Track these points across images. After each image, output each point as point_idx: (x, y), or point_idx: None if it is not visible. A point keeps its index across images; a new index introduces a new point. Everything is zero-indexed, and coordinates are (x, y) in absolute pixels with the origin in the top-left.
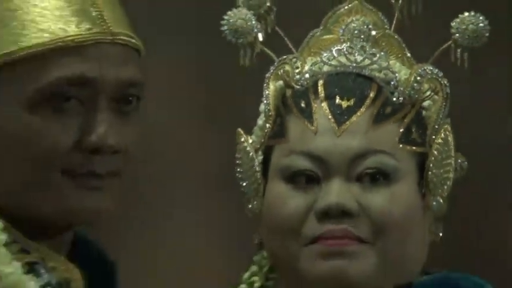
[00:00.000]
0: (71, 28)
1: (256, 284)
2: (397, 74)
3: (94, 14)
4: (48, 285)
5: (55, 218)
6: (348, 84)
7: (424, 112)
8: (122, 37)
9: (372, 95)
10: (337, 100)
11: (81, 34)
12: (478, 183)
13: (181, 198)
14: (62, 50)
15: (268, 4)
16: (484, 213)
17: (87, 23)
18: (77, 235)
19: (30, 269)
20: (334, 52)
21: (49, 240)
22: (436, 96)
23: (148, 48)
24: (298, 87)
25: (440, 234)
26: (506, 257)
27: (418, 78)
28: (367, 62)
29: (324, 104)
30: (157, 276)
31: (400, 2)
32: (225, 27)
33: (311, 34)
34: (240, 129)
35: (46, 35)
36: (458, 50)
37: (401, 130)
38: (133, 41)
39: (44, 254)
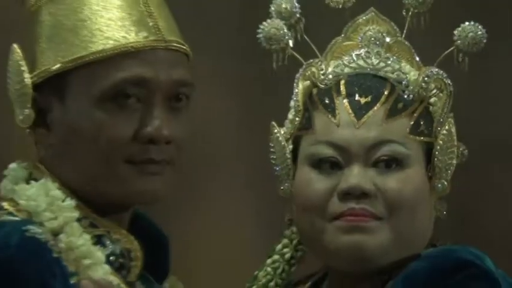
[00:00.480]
0: (131, 36)
1: (287, 255)
2: (407, 75)
3: (151, 24)
4: (113, 254)
5: (119, 198)
6: (366, 83)
7: (430, 107)
8: (174, 44)
9: (386, 92)
10: (357, 97)
11: (139, 41)
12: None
13: (223, 182)
14: (123, 55)
15: (297, 15)
16: (480, 194)
17: (145, 32)
18: (136, 212)
19: (98, 240)
20: (353, 56)
21: (113, 216)
22: (441, 94)
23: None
24: (322, 86)
25: (444, 212)
26: (503, 230)
27: (426, 78)
28: (382, 64)
29: (345, 101)
30: (202, 248)
31: (410, 14)
32: (261, 35)
33: (334, 41)
34: (273, 122)
35: (111, 42)
36: (460, 55)
37: (411, 123)
38: (183, 47)
39: (109, 228)
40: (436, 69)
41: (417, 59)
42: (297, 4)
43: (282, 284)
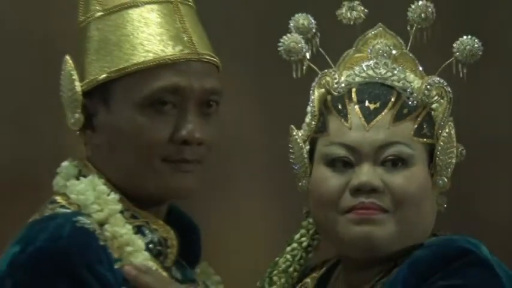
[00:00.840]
0: (168, 50)
1: (304, 243)
2: (411, 84)
3: (185, 38)
4: (151, 243)
5: (156, 193)
6: (375, 91)
7: (432, 112)
8: (206, 56)
9: (393, 99)
10: (366, 103)
11: (175, 54)
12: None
13: (247, 180)
14: (161, 66)
15: (313, 30)
16: (477, 189)
17: (180, 46)
18: (171, 205)
19: (138, 230)
20: (363, 67)
21: (152, 209)
22: (441, 100)
23: (223, 65)
24: (336, 93)
25: (445, 205)
26: (497, 221)
27: (428, 86)
28: (389, 74)
29: (356, 107)
30: (227, 238)
31: (414, 29)
32: (281, 48)
33: (346, 53)
34: (292, 126)
35: (150, 54)
36: (459, 65)
37: (415, 126)
38: (214, 59)
39: (148, 219)
40: (437, 78)
41: (420, 69)
42: (313, 21)
43: (300, 269)
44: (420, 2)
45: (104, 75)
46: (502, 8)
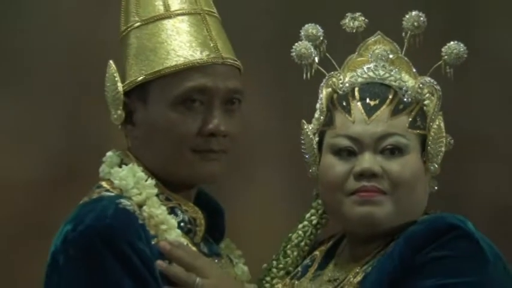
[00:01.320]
0: (197, 54)
1: (314, 221)
2: (406, 83)
3: (211, 45)
4: (183, 222)
5: (187, 179)
6: (374, 90)
7: (424, 107)
8: (229, 60)
9: (390, 97)
10: (367, 100)
11: (203, 59)
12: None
13: (264, 167)
14: (191, 69)
15: (321, 38)
16: (463, 174)
17: (207, 51)
18: (200, 190)
19: (171, 211)
20: (365, 69)
21: (183, 192)
22: (432, 97)
23: (244, 67)
24: (341, 92)
25: (436, 188)
26: (479, 201)
27: (421, 85)
28: (387, 75)
29: (359, 103)
30: (248, 217)
31: (408, 36)
32: (293, 53)
33: (349, 57)
34: (303, 121)
35: (181, 59)
36: (447, 67)
37: (409, 119)
38: (236, 63)
39: (180, 202)
40: (429, 78)
41: (414, 70)
42: (320, 30)
43: (310, 243)
44: (413, 13)
45: (142, 77)
46: (483, 16)
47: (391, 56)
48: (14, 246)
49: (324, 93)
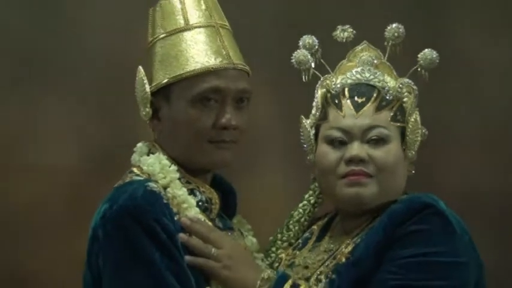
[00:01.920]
0: (211, 61)
1: (312, 200)
2: (388, 84)
3: (224, 53)
4: (200, 201)
5: (204, 165)
6: (361, 89)
7: (404, 104)
8: (239, 65)
9: (375, 95)
10: (356, 98)
11: (217, 64)
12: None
13: (269, 155)
14: (207, 73)
15: (316, 47)
16: (436, 161)
17: (220, 58)
18: (215, 175)
19: (191, 192)
20: (353, 72)
21: (201, 177)
22: (410, 95)
23: (252, 70)
24: (333, 92)
25: (413, 171)
26: (450, 184)
27: (400, 85)
28: (372, 77)
29: (348, 101)
30: (256, 197)
31: (389, 44)
32: (293, 60)
33: (340, 63)
34: (302, 116)
35: (199, 64)
36: (422, 70)
37: (391, 114)
38: (245, 67)
39: (198, 184)
40: (407, 80)
41: (395, 73)
42: (316, 40)
43: (309, 219)
44: (394, 25)
45: (166, 80)
46: (453, 28)
47: (375, 61)
48: (61, 224)
49: (319, 92)
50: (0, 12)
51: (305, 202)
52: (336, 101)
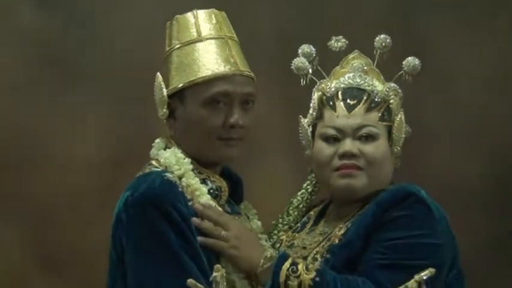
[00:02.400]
0: (221, 68)
1: (309, 189)
2: (377, 87)
3: (232, 61)
4: (211, 189)
5: (214, 159)
6: (353, 93)
7: (390, 105)
8: (245, 72)
9: (365, 98)
10: (348, 100)
11: (226, 71)
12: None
13: (272, 150)
14: (217, 79)
15: (313, 55)
16: (419, 155)
17: (228, 65)
18: (224, 166)
19: (203, 181)
20: (346, 77)
21: (212, 168)
22: (396, 98)
23: (257, 75)
24: (328, 95)
25: (399, 165)
26: (431, 175)
27: (387, 89)
28: (362, 82)
29: (341, 103)
30: (260, 187)
31: (378, 52)
32: (292, 67)
33: (334, 69)
34: (300, 116)
35: (210, 71)
36: (406, 75)
37: (379, 114)
38: (251, 74)
39: (209, 174)
40: (393, 84)
41: (382, 78)
42: (313, 49)
43: (306, 206)
44: (382, 36)
45: (181, 85)
46: (433, 39)
47: (365, 68)
48: (94, 211)
49: (315, 95)
50: (27, 14)
51: (303, 191)
52: (331, 103)
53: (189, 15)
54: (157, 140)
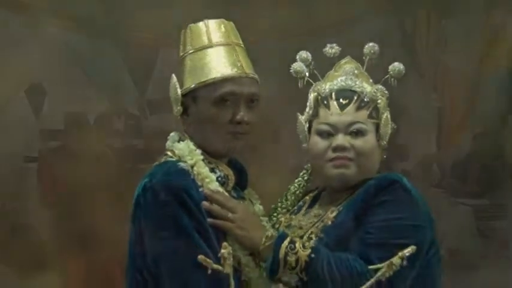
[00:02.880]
0: (229, 71)
1: (305, 177)
2: (366, 89)
3: (238, 64)
4: (219, 176)
5: (222, 151)
6: (345, 93)
7: (378, 105)
8: (250, 74)
9: (355, 98)
10: (340, 100)
11: (233, 73)
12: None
13: (275, 143)
14: (225, 80)
15: (310, 60)
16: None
17: (236, 68)
18: (231, 157)
19: (212, 170)
20: (339, 80)
21: (219, 159)
22: (383, 98)
23: (261, 78)
24: (323, 95)
25: (385, 157)
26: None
27: (375, 90)
28: (353, 84)
29: (335, 102)
30: (263, 175)
31: (367, 58)
32: (291, 70)
33: (328, 73)
34: (298, 113)
35: (219, 73)
36: (392, 79)
37: (368, 113)
38: (255, 76)
39: (218, 164)
40: (381, 86)
41: (371, 80)
42: (310, 54)
43: (303, 192)
44: (370, 43)
45: (194, 85)
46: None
47: (356, 72)
48: (117, 194)
49: (312, 95)
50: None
51: (300, 178)
52: (325, 102)
53: (201, 25)
54: (172, 134)
